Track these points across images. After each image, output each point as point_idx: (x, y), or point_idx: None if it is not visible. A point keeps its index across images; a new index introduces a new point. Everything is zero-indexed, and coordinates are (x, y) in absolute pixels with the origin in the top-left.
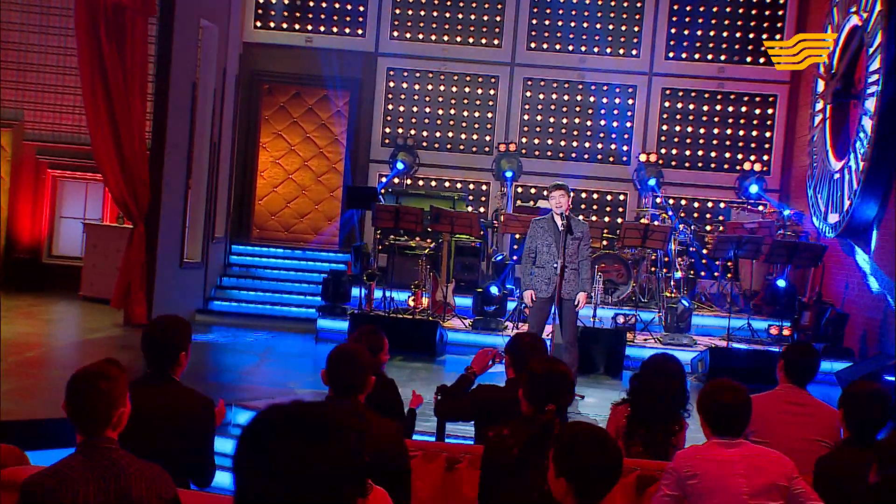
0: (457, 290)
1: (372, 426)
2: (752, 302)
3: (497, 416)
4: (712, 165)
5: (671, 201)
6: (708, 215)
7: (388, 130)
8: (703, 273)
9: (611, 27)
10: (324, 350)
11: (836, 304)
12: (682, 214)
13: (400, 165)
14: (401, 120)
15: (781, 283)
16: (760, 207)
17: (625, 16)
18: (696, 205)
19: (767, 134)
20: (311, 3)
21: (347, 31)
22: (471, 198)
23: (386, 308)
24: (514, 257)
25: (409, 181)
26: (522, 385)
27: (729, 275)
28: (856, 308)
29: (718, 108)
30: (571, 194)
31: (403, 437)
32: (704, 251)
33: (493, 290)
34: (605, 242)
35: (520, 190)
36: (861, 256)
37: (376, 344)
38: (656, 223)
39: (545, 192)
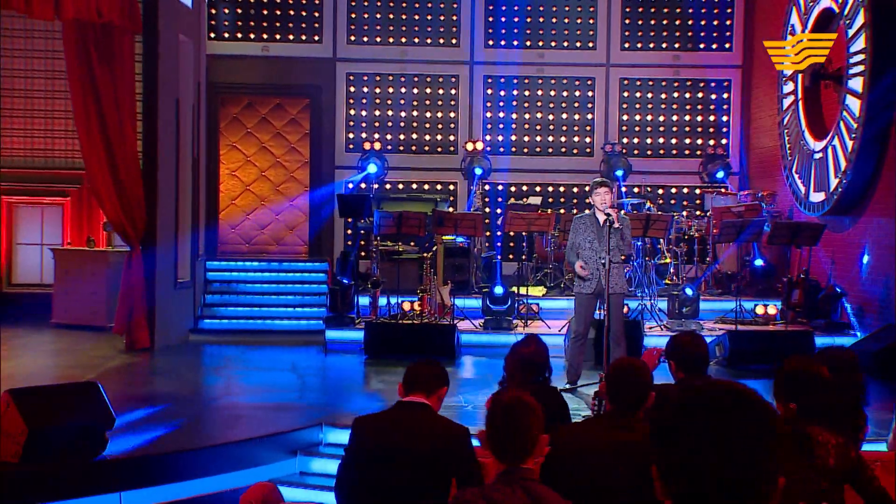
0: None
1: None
2: (734, 284)
3: None
4: (674, 152)
5: (636, 189)
6: (672, 201)
7: (351, 136)
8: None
9: (566, 21)
10: (337, 361)
11: (821, 281)
12: (650, 202)
13: (373, 169)
14: (364, 125)
15: (759, 262)
16: (723, 190)
17: (579, 9)
18: (660, 191)
19: (724, 118)
20: (266, 12)
21: (304, 37)
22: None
23: (389, 314)
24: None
25: (375, 185)
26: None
27: (704, 258)
28: (845, 283)
29: (676, 95)
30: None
31: None
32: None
33: (498, 290)
34: None
35: (487, 188)
36: (854, 232)
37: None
38: (660, 213)
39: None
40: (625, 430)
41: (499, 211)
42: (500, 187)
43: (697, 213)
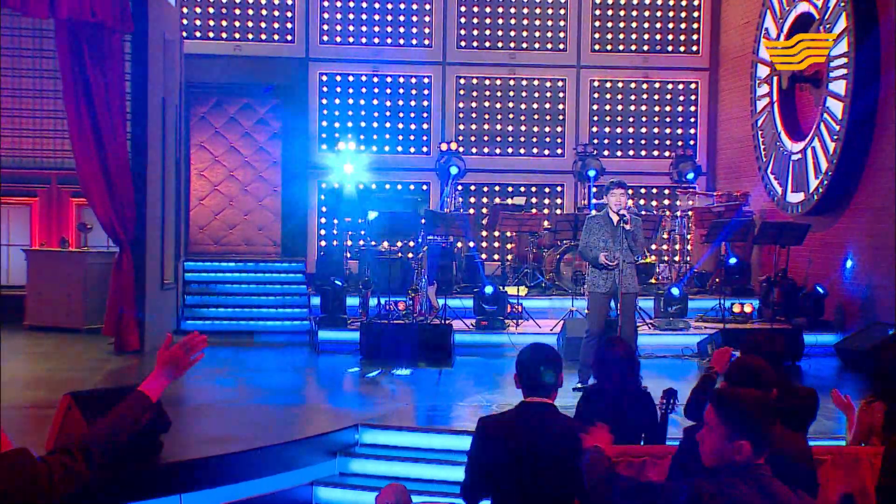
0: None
1: None
2: (708, 283)
3: None
4: (643, 153)
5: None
6: (642, 202)
7: (324, 136)
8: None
9: (538, 23)
10: (336, 362)
11: (797, 280)
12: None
13: (350, 169)
14: (337, 125)
15: (733, 260)
16: (692, 190)
17: (550, 11)
18: (629, 192)
19: (692, 120)
20: (238, 11)
21: (276, 37)
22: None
23: (379, 314)
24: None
25: (348, 186)
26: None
27: (677, 258)
28: (824, 282)
29: (645, 97)
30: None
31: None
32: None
33: (488, 289)
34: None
35: (459, 188)
36: (833, 232)
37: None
38: (644, 213)
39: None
40: None
41: (472, 211)
42: (472, 187)
43: (666, 213)
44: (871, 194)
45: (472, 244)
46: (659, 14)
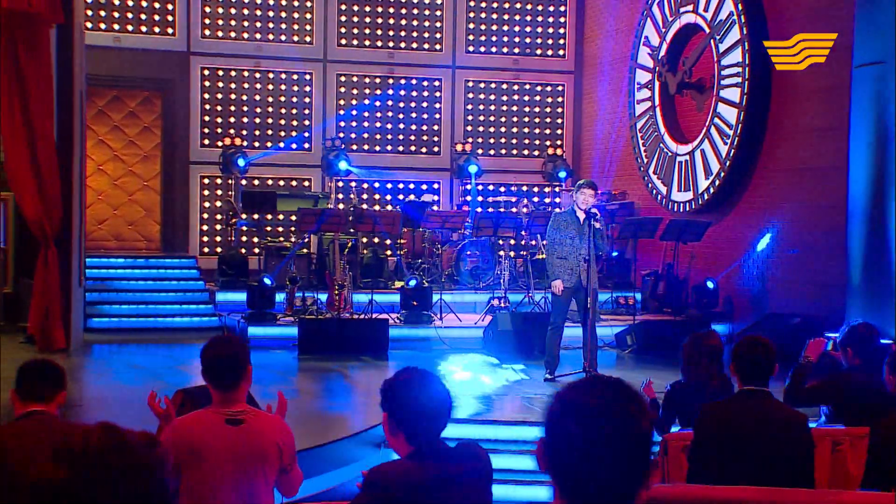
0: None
1: None
2: None
3: (855, 400)
4: (514, 152)
5: (479, 187)
6: (514, 199)
7: (206, 131)
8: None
9: (415, 23)
10: (280, 358)
11: (679, 274)
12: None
13: (241, 162)
14: (219, 120)
15: (615, 254)
16: (558, 189)
17: (427, 11)
18: (501, 189)
19: (559, 121)
20: (117, 2)
21: (157, 30)
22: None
23: (304, 310)
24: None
25: (230, 181)
26: None
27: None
28: (708, 276)
29: (516, 97)
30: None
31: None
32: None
33: (412, 283)
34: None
35: (340, 184)
36: (720, 228)
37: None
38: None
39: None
40: None
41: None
42: (352, 184)
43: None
44: (762, 194)
45: (388, 241)
46: (528, 18)
